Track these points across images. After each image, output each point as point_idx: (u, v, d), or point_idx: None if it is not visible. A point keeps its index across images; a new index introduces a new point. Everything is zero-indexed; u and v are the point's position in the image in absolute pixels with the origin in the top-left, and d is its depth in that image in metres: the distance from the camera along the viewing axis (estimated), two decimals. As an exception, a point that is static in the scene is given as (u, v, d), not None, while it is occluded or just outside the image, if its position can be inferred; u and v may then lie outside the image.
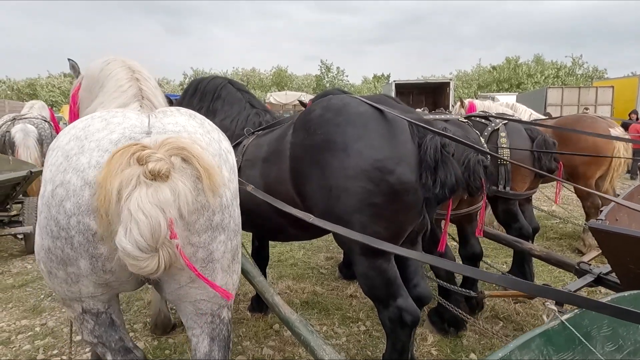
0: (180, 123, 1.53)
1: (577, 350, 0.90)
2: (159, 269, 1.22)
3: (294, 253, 5.22)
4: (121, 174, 1.22)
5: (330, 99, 2.35)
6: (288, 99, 19.07)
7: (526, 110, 6.32)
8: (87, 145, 1.38)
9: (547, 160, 3.57)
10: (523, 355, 0.82)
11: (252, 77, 39.71)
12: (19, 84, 37.14)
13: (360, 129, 2.08)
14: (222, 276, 1.57)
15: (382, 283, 2.19)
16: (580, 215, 6.37)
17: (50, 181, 1.39)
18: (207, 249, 1.49)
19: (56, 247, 1.39)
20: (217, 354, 1.66)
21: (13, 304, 3.94)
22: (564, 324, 0.89)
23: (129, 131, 1.42)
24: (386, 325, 2.27)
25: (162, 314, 3.25)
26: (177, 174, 1.29)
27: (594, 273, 2.60)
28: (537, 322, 3.38)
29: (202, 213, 1.43)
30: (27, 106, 7.66)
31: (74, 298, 1.53)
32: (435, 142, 2.06)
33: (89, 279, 1.44)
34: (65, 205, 1.34)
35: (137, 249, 1.18)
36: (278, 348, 3.09)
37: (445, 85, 16.96)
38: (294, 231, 2.67)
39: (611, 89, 16.08)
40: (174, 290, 1.56)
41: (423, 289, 2.44)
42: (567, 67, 35.40)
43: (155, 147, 1.31)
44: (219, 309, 1.66)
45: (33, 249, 4.91)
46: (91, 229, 1.34)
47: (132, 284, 1.60)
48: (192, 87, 3.40)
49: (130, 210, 1.19)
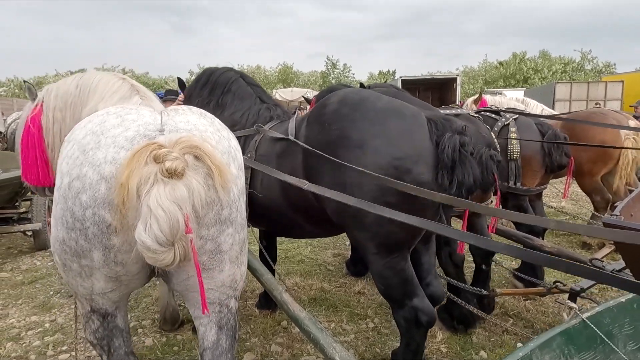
0: (191, 121, 1.59)
1: (598, 349, 0.87)
2: (174, 261, 1.29)
3: (301, 250, 5.21)
4: (139, 172, 1.28)
5: (347, 93, 2.31)
6: (294, 96, 19.04)
7: (537, 105, 6.23)
8: (104, 140, 1.44)
9: (557, 155, 3.52)
10: (544, 355, 0.79)
11: (257, 74, 39.65)
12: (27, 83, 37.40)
13: (377, 126, 2.05)
14: (230, 266, 1.64)
15: (398, 282, 2.16)
16: (590, 211, 6.30)
17: (67, 174, 1.44)
18: (215, 242, 1.56)
19: (70, 239, 1.45)
20: (224, 342, 1.71)
21: (23, 300, 3.97)
22: (585, 322, 0.86)
23: (143, 129, 1.48)
24: (401, 325, 2.24)
25: (170, 307, 3.26)
26: (191, 172, 1.35)
27: (607, 270, 2.55)
28: (547, 319, 3.34)
29: (211, 207, 1.50)
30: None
31: (85, 294, 1.58)
32: (454, 140, 2.02)
33: (101, 272, 1.49)
34: (82, 197, 1.40)
35: (156, 243, 1.24)
36: (286, 345, 3.09)
37: (452, 81, 16.83)
38: (309, 227, 2.64)
39: (621, 84, 15.86)
40: (183, 280, 1.61)
41: (436, 287, 2.41)
42: (575, 62, 34.97)
43: (170, 146, 1.36)
44: (227, 299, 1.70)
45: (42, 246, 4.98)
46: (106, 220, 1.40)
47: (141, 279, 1.63)
48: (205, 77, 3.35)
49: (150, 207, 1.25)
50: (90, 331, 1.67)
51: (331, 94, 2.43)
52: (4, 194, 4.95)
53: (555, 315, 3.39)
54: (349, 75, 41.40)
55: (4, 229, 5.14)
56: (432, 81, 18.50)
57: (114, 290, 1.58)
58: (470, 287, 3.02)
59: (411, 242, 2.17)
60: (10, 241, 5.93)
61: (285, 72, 41.29)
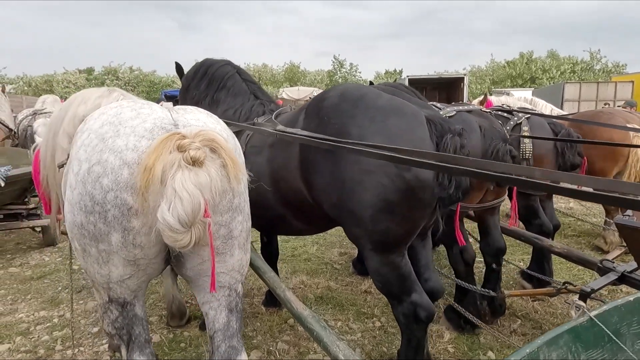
0: (201, 119, 1.70)
1: (606, 347, 0.87)
2: (191, 243, 1.38)
3: (307, 248, 5.21)
4: (165, 157, 1.38)
5: (347, 88, 2.29)
6: (300, 95, 19.03)
7: (546, 105, 6.18)
8: (122, 130, 1.52)
9: (570, 155, 3.49)
10: (551, 352, 0.79)
11: (264, 72, 39.69)
12: (35, 80, 37.74)
13: (378, 123, 2.03)
14: (239, 252, 1.76)
15: (395, 279, 2.16)
16: (598, 212, 6.25)
17: (85, 160, 1.51)
18: (228, 227, 1.68)
19: (89, 222, 1.51)
20: (234, 324, 1.80)
21: (32, 295, 4.01)
22: (592, 320, 0.86)
23: (159, 122, 1.58)
24: (400, 321, 2.24)
25: (176, 300, 3.27)
26: (209, 162, 1.45)
27: (618, 271, 2.52)
28: (555, 320, 3.32)
29: (224, 196, 1.60)
30: (39, 100, 7.79)
31: (103, 283, 1.63)
32: (455, 142, 2.03)
33: (119, 256, 1.55)
34: (103, 181, 1.47)
35: (178, 223, 1.32)
36: (293, 343, 3.09)
37: (459, 81, 16.75)
38: (297, 223, 2.62)
39: (631, 84, 15.64)
40: (196, 265, 1.69)
41: (435, 282, 2.40)
42: (584, 62, 34.60)
43: (191, 137, 1.45)
44: (236, 283, 1.80)
45: (51, 242, 5.03)
46: (127, 203, 1.48)
47: (158, 263, 1.68)
48: (203, 69, 3.34)
49: (175, 189, 1.34)
50: (108, 321, 1.71)
51: (331, 87, 2.40)
52: (13, 190, 5.00)
53: (564, 316, 3.36)
54: (355, 74, 41.32)
55: (13, 225, 5.19)
56: (440, 80, 18.41)
57: (132, 277, 1.62)
58: (478, 288, 3.00)
59: (408, 238, 2.16)
60: (19, 237, 6.00)
61: (292, 70, 41.30)
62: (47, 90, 33.94)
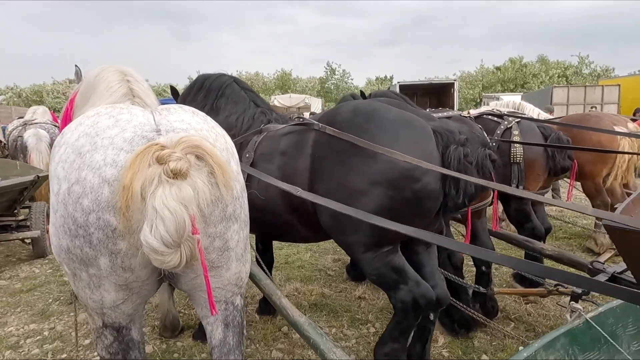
0: (186, 120, 1.57)
1: (602, 349, 0.87)
2: (181, 263, 1.27)
3: (301, 255, 5.19)
4: (143, 173, 1.26)
5: (359, 103, 2.41)
6: (292, 102, 19.11)
7: (534, 110, 6.25)
8: (100, 142, 1.40)
9: (561, 158, 3.53)
10: (548, 355, 0.79)
11: (256, 81, 39.74)
12: (25, 90, 37.43)
13: (390, 137, 2.13)
14: (236, 264, 1.65)
15: (389, 270, 2.20)
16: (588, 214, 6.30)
17: (64, 179, 1.39)
18: (223, 238, 1.57)
19: (75, 247, 1.41)
20: (231, 339, 1.71)
21: (21, 308, 3.94)
22: (589, 322, 0.86)
23: (140, 129, 1.45)
24: (397, 307, 2.26)
25: (170, 314, 3.24)
26: (194, 172, 1.33)
27: (608, 272, 2.54)
28: (548, 322, 3.33)
29: (216, 205, 1.48)
30: (29, 111, 7.75)
31: (96, 308, 1.53)
32: (459, 152, 2.13)
33: (109, 281, 1.45)
34: (83, 202, 1.36)
35: (162, 245, 1.22)
36: (287, 351, 3.07)
37: (450, 86, 16.91)
38: (304, 230, 2.63)
39: (617, 87, 15.91)
40: (191, 280, 1.60)
41: (441, 290, 2.41)
42: (573, 67, 35.10)
43: (172, 146, 1.33)
44: (233, 297, 1.71)
45: (41, 254, 4.95)
46: (111, 224, 1.37)
47: (151, 284, 1.58)
48: (199, 83, 3.36)
49: (155, 208, 1.23)
50: (102, 346, 1.61)
51: (343, 103, 2.52)
52: (3, 202, 4.94)
53: (557, 318, 3.38)
54: (347, 81, 41.53)
55: (2, 237, 5.12)
56: (430, 86, 18.55)
57: (125, 301, 1.52)
58: (467, 283, 3.01)
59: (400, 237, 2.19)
60: (8, 249, 5.91)
61: (283, 78, 41.40)
62: (37, 100, 33.70)
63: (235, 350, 1.72)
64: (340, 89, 38.39)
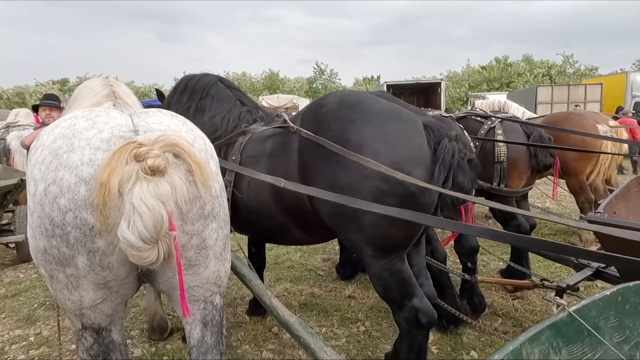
0: (164, 122, 1.58)
1: (585, 341, 0.90)
2: (159, 259, 1.27)
3: (290, 255, 5.19)
4: (121, 170, 1.26)
5: (345, 94, 2.32)
6: (280, 102, 19.05)
7: (519, 108, 6.35)
8: (77, 143, 1.41)
9: (543, 156, 3.59)
10: (533, 348, 0.81)
11: (243, 81, 39.60)
12: (7, 92, 36.79)
13: (377, 128, 2.06)
14: (214, 263, 1.64)
15: (396, 283, 2.16)
16: (574, 211, 6.41)
17: (41, 180, 1.39)
18: (200, 236, 1.56)
19: (52, 247, 1.40)
20: (209, 339, 1.71)
21: (6, 314, 3.87)
22: (572, 315, 0.88)
23: (117, 130, 1.46)
24: (402, 326, 2.24)
25: (157, 315, 3.21)
26: (172, 169, 1.34)
27: (593, 267, 2.60)
28: (535, 317, 3.38)
29: (194, 203, 1.49)
30: (12, 114, 7.62)
31: (74, 310, 1.52)
32: (452, 146, 2.07)
33: (88, 280, 1.44)
34: (60, 202, 1.36)
35: (139, 240, 1.22)
36: (278, 351, 3.07)
37: (437, 86, 17.05)
38: (299, 233, 2.60)
39: (600, 86, 16.22)
40: (169, 278, 1.59)
41: (428, 288, 2.43)
42: (557, 66, 35.66)
43: (150, 144, 1.34)
44: (212, 296, 1.70)
45: (25, 258, 4.84)
46: (88, 223, 1.37)
47: (130, 284, 1.58)
48: (182, 84, 3.30)
49: (133, 204, 1.23)
50: (83, 349, 1.59)
51: (328, 94, 2.43)
52: (-15, 206, 4.85)
53: (543, 313, 3.44)
54: (335, 81, 41.61)
55: (-15, 242, 5.03)
56: (417, 86, 18.70)
57: (104, 301, 1.52)
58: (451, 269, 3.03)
59: (408, 242, 2.19)
60: (-8, 254, 5.80)
61: (271, 78, 41.32)
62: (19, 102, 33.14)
63: (213, 350, 1.72)
64: (328, 89, 38.46)
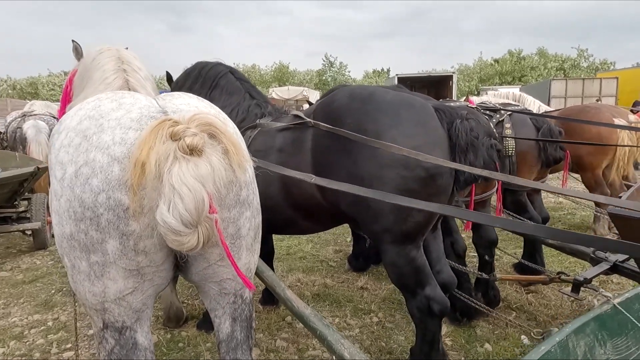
0: (192, 104, 1.52)
1: (630, 334, 0.89)
2: (199, 244, 1.20)
3: (302, 247, 5.21)
4: (158, 149, 1.19)
5: (354, 88, 2.36)
6: (290, 94, 19.00)
7: (534, 102, 6.27)
8: (106, 124, 1.34)
9: (552, 149, 3.54)
10: (579, 339, 0.80)
11: (253, 73, 39.59)
12: (20, 82, 37.10)
13: (392, 117, 2.11)
14: (246, 254, 1.57)
15: (410, 271, 2.19)
16: (586, 206, 6.34)
17: (70, 162, 1.32)
18: (236, 225, 1.48)
19: (79, 231, 1.32)
20: (239, 334, 1.65)
21: (24, 299, 3.95)
22: (616, 308, 0.87)
23: (146, 110, 1.40)
24: (415, 315, 2.27)
25: (174, 306, 3.25)
26: (209, 149, 1.26)
27: (610, 261, 2.57)
28: (549, 311, 3.36)
29: (231, 188, 1.42)
30: (28, 105, 7.72)
31: (96, 304, 1.40)
32: (465, 125, 2.12)
33: (117, 266, 1.34)
34: (92, 182, 1.29)
35: (181, 224, 1.15)
36: (291, 340, 3.09)
37: (448, 79, 16.89)
38: (306, 224, 2.63)
39: (615, 80, 15.92)
40: (202, 269, 1.52)
41: (447, 275, 2.43)
42: (572, 60, 35.13)
43: (186, 122, 1.27)
44: (242, 289, 1.63)
45: (41, 245, 4.91)
46: (123, 204, 1.29)
47: (166, 271, 1.48)
48: (196, 71, 3.29)
49: (173, 185, 1.16)
50: (104, 352, 1.44)
51: (337, 90, 2.43)
52: (3, 193, 4.92)
53: (557, 307, 3.42)
54: (344, 74, 41.41)
55: (2, 229, 5.12)
56: (428, 79, 18.51)
57: (135, 291, 1.40)
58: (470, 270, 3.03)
59: (425, 229, 2.21)
60: (8, 241, 5.90)
61: (280, 70, 41.24)
62: (32, 93, 33.45)
63: (242, 345, 1.66)
64: (338, 82, 38.31)
